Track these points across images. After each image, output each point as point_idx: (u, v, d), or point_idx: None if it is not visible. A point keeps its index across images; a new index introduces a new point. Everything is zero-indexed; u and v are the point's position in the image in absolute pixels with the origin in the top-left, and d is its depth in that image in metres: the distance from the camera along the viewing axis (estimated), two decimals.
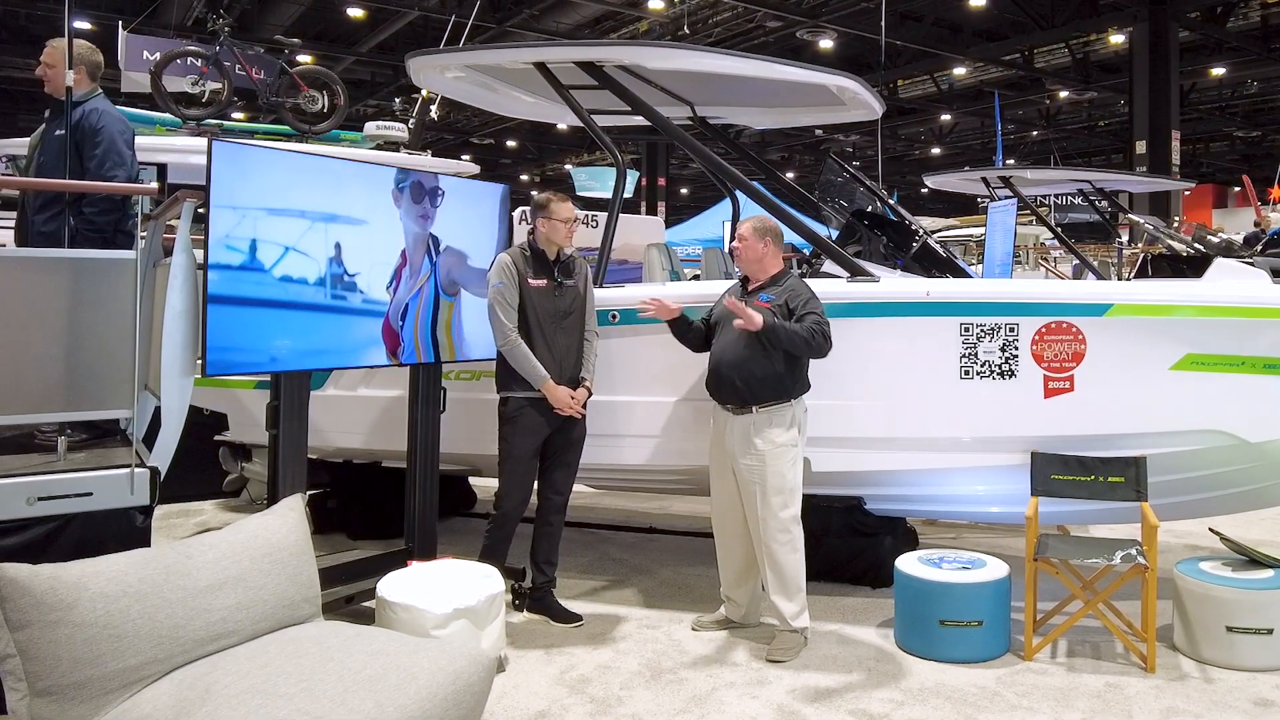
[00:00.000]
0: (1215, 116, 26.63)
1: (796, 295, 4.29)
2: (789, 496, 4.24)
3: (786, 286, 4.36)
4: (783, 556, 4.24)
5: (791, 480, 4.25)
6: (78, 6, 14.70)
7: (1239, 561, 4.34)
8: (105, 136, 4.38)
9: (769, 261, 4.40)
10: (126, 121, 4.58)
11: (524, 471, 4.53)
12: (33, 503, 3.34)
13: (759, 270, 4.41)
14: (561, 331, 4.53)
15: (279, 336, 3.99)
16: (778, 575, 4.25)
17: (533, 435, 4.50)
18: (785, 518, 4.23)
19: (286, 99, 9.30)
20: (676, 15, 19.15)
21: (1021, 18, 19.04)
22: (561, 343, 4.52)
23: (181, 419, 3.83)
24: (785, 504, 4.23)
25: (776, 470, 4.21)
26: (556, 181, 36.35)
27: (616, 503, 7.11)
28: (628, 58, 5.12)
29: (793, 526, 4.26)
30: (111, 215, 4.42)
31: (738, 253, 4.44)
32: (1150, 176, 15.34)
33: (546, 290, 4.52)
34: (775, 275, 4.41)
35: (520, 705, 3.72)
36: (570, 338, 4.56)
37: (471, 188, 4.98)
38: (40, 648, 2.38)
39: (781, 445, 4.22)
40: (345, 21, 19.89)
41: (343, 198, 4.20)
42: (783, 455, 4.22)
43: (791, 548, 4.25)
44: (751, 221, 4.45)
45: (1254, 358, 4.39)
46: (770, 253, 4.40)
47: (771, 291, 4.35)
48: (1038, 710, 3.71)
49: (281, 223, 3.96)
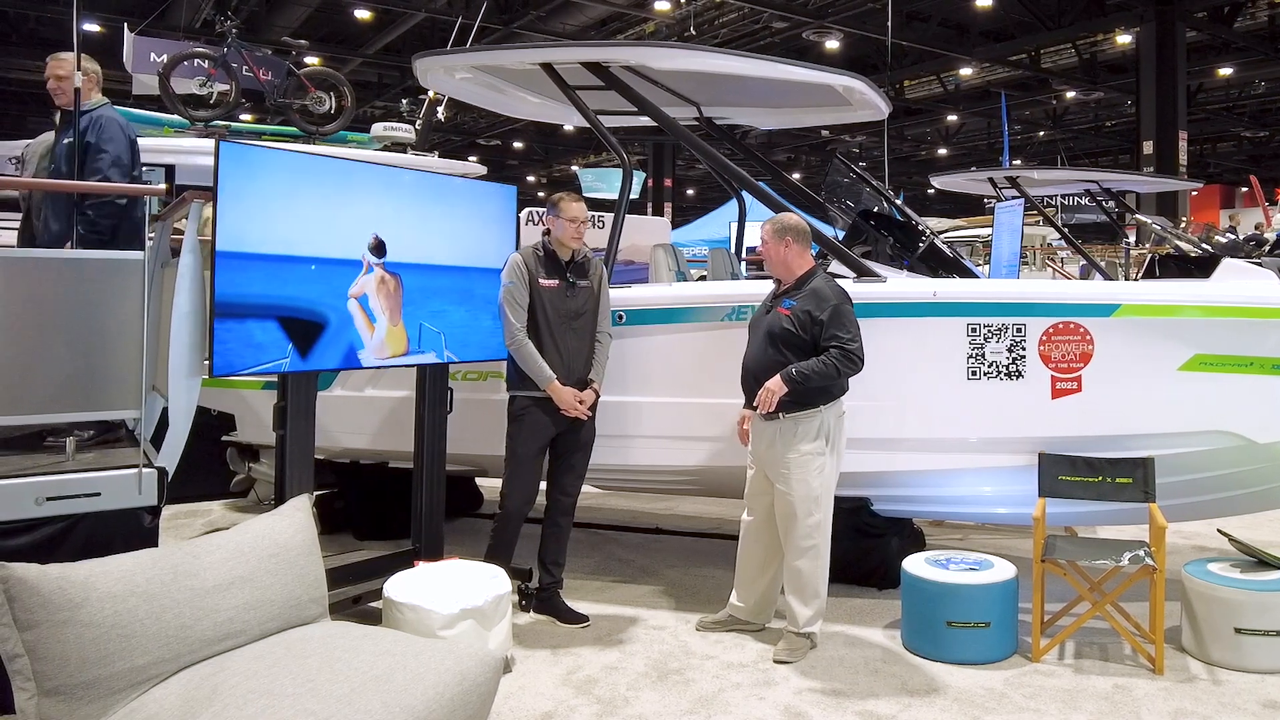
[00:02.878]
0: (1222, 116, 26.57)
1: (821, 304, 4.12)
2: (814, 504, 4.17)
3: (809, 291, 4.19)
4: (803, 562, 4.20)
5: (817, 488, 4.17)
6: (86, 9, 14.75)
7: (1247, 563, 4.32)
8: (111, 145, 4.50)
9: (794, 262, 4.27)
10: (132, 129, 4.63)
11: (527, 470, 4.54)
12: (41, 503, 3.36)
13: (785, 272, 4.30)
14: (572, 333, 4.52)
15: (286, 337, 3.99)
16: (795, 579, 4.23)
17: (538, 435, 4.51)
18: (809, 525, 4.17)
19: (294, 100, 9.33)
20: (683, 16, 19.17)
21: (1028, 18, 19.03)
22: (571, 344, 4.51)
23: (189, 420, 3.85)
24: (810, 511, 4.16)
25: (801, 479, 4.14)
26: (563, 183, 36.39)
27: (623, 503, 7.11)
28: (634, 58, 5.12)
29: (816, 534, 4.19)
30: (113, 219, 4.50)
31: (763, 256, 4.38)
32: (1157, 177, 15.30)
33: (558, 291, 4.52)
34: (802, 277, 4.26)
35: (527, 706, 3.72)
36: (581, 339, 4.55)
37: (480, 189, 4.99)
38: (48, 647, 2.39)
39: (807, 454, 4.14)
40: (352, 23, 19.95)
41: (349, 199, 4.21)
42: (808, 464, 4.14)
43: (815, 555, 4.20)
44: (770, 223, 4.35)
45: (1262, 358, 4.38)
46: (794, 252, 4.27)
47: (795, 297, 4.21)
48: (1045, 712, 3.70)
49: (288, 224, 3.97)
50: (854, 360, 4.07)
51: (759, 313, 4.38)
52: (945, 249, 5.71)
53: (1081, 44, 21.22)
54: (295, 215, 3.98)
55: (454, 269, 4.72)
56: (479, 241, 4.83)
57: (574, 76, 5.07)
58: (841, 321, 4.10)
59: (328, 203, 4.11)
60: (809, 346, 4.12)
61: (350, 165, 4.45)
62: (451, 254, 4.69)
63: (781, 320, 4.16)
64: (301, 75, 9.50)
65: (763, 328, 4.26)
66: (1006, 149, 21.40)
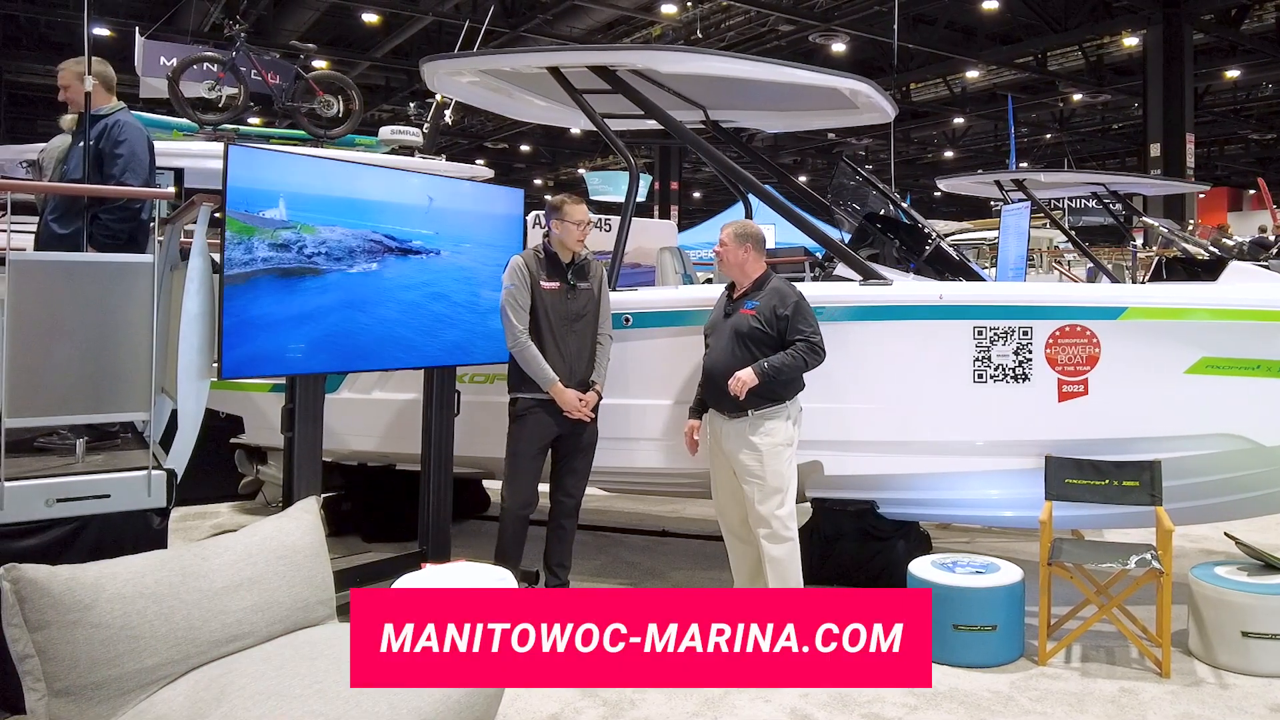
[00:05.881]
0: (1230, 119, 26.45)
1: (784, 301, 4.32)
2: (787, 494, 4.33)
3: (770, 290, 4.39)
4: (781, 552, 4.33)
5: (788, 477, 4.34)
6: (96, 13, 14.82)
7: (1254, 566, 4.31)
8: (127, 149, 4.47)
9: (750, 266, 4.46)
10: (146, 131, 4.64)
11: (526, 471, 4.54)
12: (52, 504, 3.38)
13: (741, 275, 4.47)
14: (573, 334, 4.54)
15: (295, 339, 4.01)
16: (779, 569, 4.33)
17: (539, 436, 4.52)
18: (783, 514, 4.33)
19: (302, 104, 9.36)
20: (689, 20, 19.17)
21: (1035, 20, 18.98)
22: (572, 345, 4.53)
23: (198, 422, 3.87)
24: (783, 501, 4.32)
25: (774, 469, 4.28)
26: (570, 186, 36.41)
27: (630, 506, 7.12)
28: (641, 62, 5.14)
29: (791, 522, 4.35)
30: (129, 223, 4.49)
31: (719, 258, 4.50)
32: (1164, 179, 15.25)
33: (559, 293, 4.53)
34: (758, 280, 4.45)
35: (533, 708, 3.73)
36: (582, 341, 4.57)
37: (487, 192, 5.01)
38: (58, 648, 2.40)
39: (779, 444, 4.30)
40: (360, 27, 19.99)
41: (358, 201, 4.23)
42: (780, 454, 4.30)
43: (792, 543, 4.35)
44: (732, 227, 4.50)
45: (1269, 361, 4.37)
46: (752, 257, 4.46)
47: (756, 298, 4.38)
48: (1051, 715, 3.69)
49: (296, 225, 3.99)
50: (818, 352, 4.26)
51: (714, 318, 4.52)
52: (951, 252, 5.71)
53: (1088, 46, 21.14)
54: (302, 216, 4.00)
55: (461, 271, 4.74)
56: (486, 244, 4.84)
57: (581, 80, 5.08)
58: (805, 317, 4.29)
59: (335, 205, 4.13)
60: (776, 343, 4.28)
61: (357, 168, 4.47)
62: (459, 257, 4.71)
63: (749, 320, 4.31)
64: (309, 79, 9.52)
65: (726, 331, 4.39)
66: (1013, 151, 21.39)
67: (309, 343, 4.08)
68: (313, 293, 4.08)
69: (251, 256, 3.83)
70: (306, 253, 4.04)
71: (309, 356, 4.09)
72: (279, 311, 3.95)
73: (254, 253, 3.84)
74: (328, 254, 4.12)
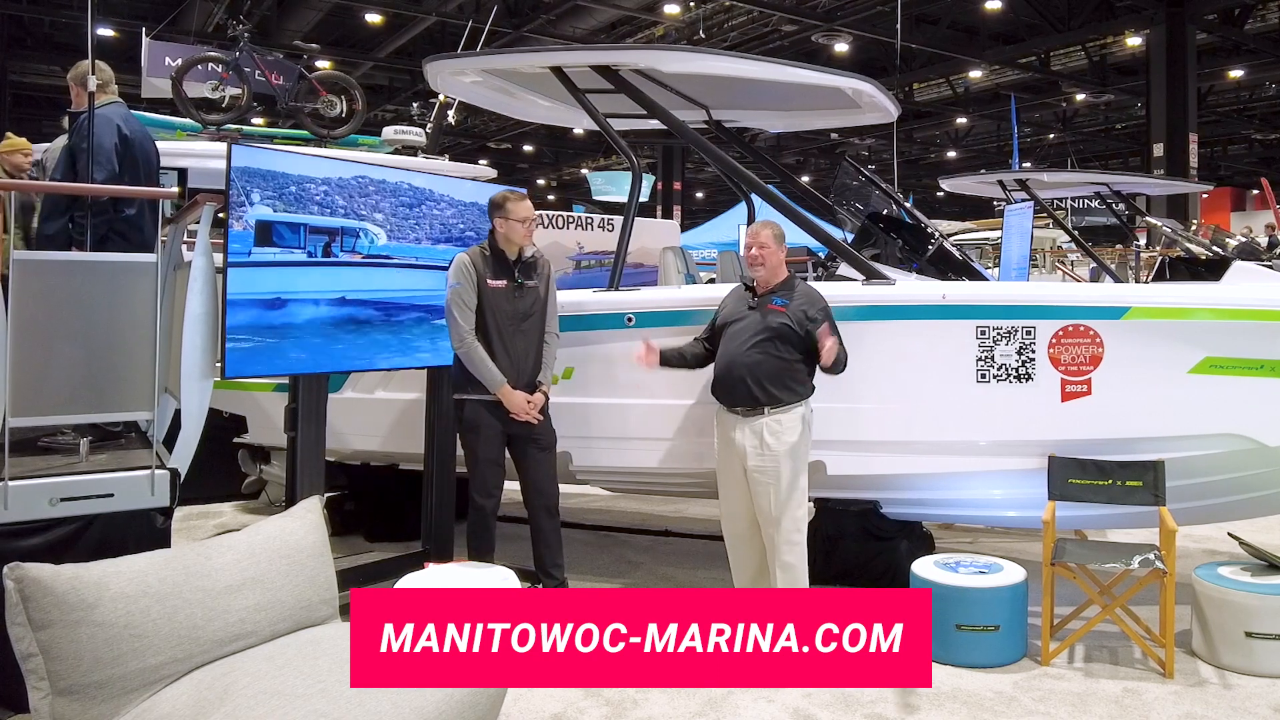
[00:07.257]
0: (1233, 119, 26.44)
1: (814, 303, 4.32)
2: (802, 496, 4.31)
3: (800, 293, 4.37)
4: (794, 556, 4.30)
5: (803, 480, 4.32)
6: (100, 14, 14.84)
7: (1258, 566, 4.31)
8: (92, 143, 4.45)
9: (782, 266, 4.48)
10: (112, 123, 4.58)
11: (488, 472, 4.47)
12: (55, 503, 3.38)
13: (775, 275, 4.43)
14: (520, 334, 4.46)
15: (297, 339, 4.02)
16: (789, 574, 4.30)
17: (493, 439, 4.46)
18: (800, 516, 4.31)
19: (305, 104, 9.36)
20: (692, 20, 19.17)
21: (1038, 20, 18.97)
22: (519, 345, 4.45)
23: (201, 421, 3.87)
24: (800, 502, 4.31)
25: (791, 470, 4.26)
26: (573, 185, 36.47)
27: (632, 505, 7.12)
28: (643, 62, 5.13)
29: (803, 525, 4.33)
30: (101, 216, 4.46)
31: (759, 260, 4.39)
32: (1168, 179, 15.24)
33: (506, 291, 4.44)
34: (786, 279, 4.45)
35: (536, 707, 3.73)
36: (529, 340, 4.49)
37: (489, 192, 5.00)
38: (62, 647, 2.41)
39: (795, 445, 4.27)
40: (363, 27, 20.01)
41: (360, 201, 4.24)
42: (796, 455, 4.27)
43: (802, 548, 4.32)
44: (769, 229, 4.45)
45: (1273, 361, 4.36)
46: (783, 256, 4.48)
47: (784, 296, 4.35)
48: (1054, 716, 3.69)
49: (299, 225, 3.99)
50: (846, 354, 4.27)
51: (732, 313, 4.44)
52: (954, 252, 5.70)
53: (1091, 46, 21.13)
54: (305, 216, 4.01)
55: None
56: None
57: (584, 80, 5.08)
58: (833, 320, 4.29)
59: (338, 204, 4.13)
60: (802, 343, 4.27)
61: (360, 168, 4.47)
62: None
63: (779, 317, 4.27)
64: (313, 79, 9.52)
65: (748, 327, 4.32)
66: (1016, 151, 21.38)
67: (312, 342, 4.08)
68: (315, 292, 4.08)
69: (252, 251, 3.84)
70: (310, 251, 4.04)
71: (312, 356, 4.09)
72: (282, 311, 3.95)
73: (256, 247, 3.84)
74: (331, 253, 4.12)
